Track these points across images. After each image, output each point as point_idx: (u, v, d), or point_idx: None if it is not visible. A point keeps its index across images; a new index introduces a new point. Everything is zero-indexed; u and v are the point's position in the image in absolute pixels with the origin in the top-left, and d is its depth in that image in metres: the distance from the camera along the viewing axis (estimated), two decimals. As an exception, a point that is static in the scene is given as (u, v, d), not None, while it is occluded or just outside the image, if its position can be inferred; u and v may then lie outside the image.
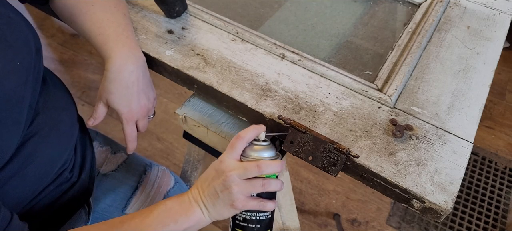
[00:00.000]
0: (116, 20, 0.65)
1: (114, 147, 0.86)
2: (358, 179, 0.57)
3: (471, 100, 0.64)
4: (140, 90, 0.64)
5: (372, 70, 0.71)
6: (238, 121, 0.69)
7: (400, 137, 0.57)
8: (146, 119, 0.68)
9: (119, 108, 0.64)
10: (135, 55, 0.64)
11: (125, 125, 0.66)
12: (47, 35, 2.25)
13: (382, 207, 1.53)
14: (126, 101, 0.63)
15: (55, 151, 0.61)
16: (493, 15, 0.80)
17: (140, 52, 0.65)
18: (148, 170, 0.85)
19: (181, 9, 0.75)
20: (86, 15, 0.64)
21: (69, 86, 2.27)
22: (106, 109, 0.66)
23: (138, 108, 0.65)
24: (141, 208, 0.82)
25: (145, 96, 0.65)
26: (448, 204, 0.50)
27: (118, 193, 0.80)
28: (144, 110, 0.66)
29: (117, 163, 0.83)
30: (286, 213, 0.93)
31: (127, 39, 0.64)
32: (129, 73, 0.62)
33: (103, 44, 0.63)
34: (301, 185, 1.61)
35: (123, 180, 0.82)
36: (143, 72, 0.65)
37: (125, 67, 0.62)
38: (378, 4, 0.87)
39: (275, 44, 0.70)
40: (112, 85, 0.62)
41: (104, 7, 0.65)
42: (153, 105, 0.69)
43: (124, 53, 0.62)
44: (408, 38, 0.73)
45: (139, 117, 0.66)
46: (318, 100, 0.62)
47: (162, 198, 0.84)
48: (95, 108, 0.66)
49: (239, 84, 0.64)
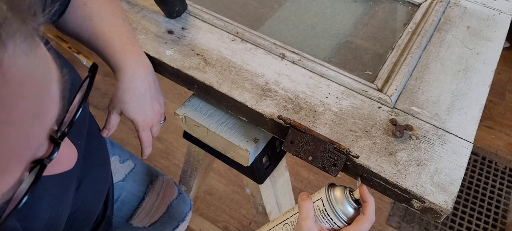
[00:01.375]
0: (117, 29, 0.64)
1: (122, 155, 0.85)
2: (358, 179, 0.57)
3: (471, 100, 0.64)
4: (153, 96, 0.64)
5: (372, 70, 0.71)
6: (238, 120, 0.69)
7: (400, 137, 0.57)
8: (159, 124, 0.68)
9: (134, 117, 0.64)
10: (143, 62, 0.64)
11: (142, 133, 0.66)
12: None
13: (382, 207, 1.53)
14: (140, 109, 0.64)
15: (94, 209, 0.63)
16: (493, 15, 0.80)
17: (146, 58, 0.65)
18: (154, 180, 0.85)
19: (181, 9, 0.75)
20: (87, 31, 0.64)
21: (69, 86, 2.25)
22: (119, 119, 0.66)
23: (152, 115, 0.65)
24: (146, 218, 0.82)
25: (157, 103, 0.66)
26: (448, 204, 0.50)
27: (124, 204, 0.80)
28: (158, 116, 0.67)
29: (124, 172, 0.83)
30: (286, 213, 0.93)
31: (132, 46, 0.64)
32: (141, 81, 0.62)
33: (111, 56, 0.63)
34: (301, 185, 1.61)
35: (130, 190, 0.82)
36: (153, 78, 0.65)
37: (137, 76, 0.62)
38: (378, 4, 0.87)
39: (275, 44, 0.70)
40: (126, 95, 0.62)
41: (103, 19, 0.65)
42: (163, 110, 0.69)
43: (133, 62, 0.62)
44: (408, 38, 0.73)
45: (154, 122, 0.66)
46: (318, 100, 0.62)
47: (166, 209, 0.84)
48: (108, 119, 0.66)
49: (239, 84, 0.64)
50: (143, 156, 0.69)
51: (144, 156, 0.69)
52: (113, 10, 0.66)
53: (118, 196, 0.80)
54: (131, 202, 0.81)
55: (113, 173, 0.81)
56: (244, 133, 0.67)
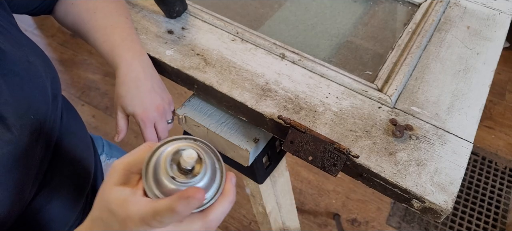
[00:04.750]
0: (119, 26, 0.64)
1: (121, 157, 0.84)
2: (358, 179, 0.57)
3: (471, 100, 0.64)
4: (151, 88, 0.63)
5: (372, 70, 0.71)
6: (238, 120, 0.69)
7: (400, 137, 0.57)
8: (164, 122, 0.66)
9: (134, 110, 0.62)
10: (141, 58, 0.64)
11: (143, 127, 0.63)
12: (47, 35, 2.25)
13: (382, 207, 1.53)
14: (138, 101, 0.62)
15: (65, 210, 0.61)
16: (493, 15, 0.80)
17: (145, 54, 0.65)
18: None
19: (181, 9, 0.75)
20: (88, 24, 0.64)
21: (68, 86, 2.26)
22: (127, 120, 0.65)
23: (153, 108, 0.63)
24: None
25: (158, 96, 0.64)
26: (448, 204, 0.50)
27: None
28: (160, 111, 0.64)
29: None
30: (286, 213, 0.94)
31: (132, 43, 0.64)
32: (136, 74, 0.62)
33: (110, 51, 0.63)
34: (301, 185, 1.61)
35: None
36: (151, 73, 0.64)
37: (132, 69, 0.62)
38: (378, 4, 0.87)
39: (275, 44, 0.70)
40: (122, 89, 0.62)
41: (106, 13, 0.65)
42: (170, 108, 0.68)
43: (130, 57, 0.62)
44: (408, 38, 0.73)
45: (156, 117, 0.64)
46: (318, 100, 0.62)
47: None
48: (116, 122, 0.65)
49: (239, 84, 0.64)
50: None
51: None
52: (117, 7, 0.67)
53: None
54: None
55: None
56: (244, 133, 0.67)
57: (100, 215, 0.36)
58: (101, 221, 0.36)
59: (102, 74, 2.03)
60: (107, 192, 0.36)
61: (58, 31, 2.27)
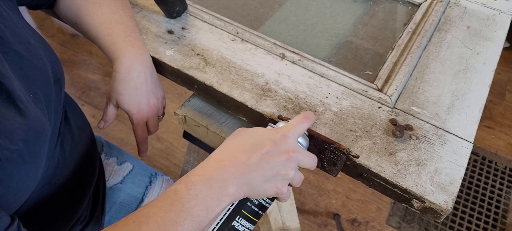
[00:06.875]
0: (124, 22, 0.65)
1: (120, 157, 0.85)
2: (358, 179, 0.57)
3: (471, 100, 0.64)
4: (149, 90, 0.64)
5: (372, 70, 0.71)
6: (238, 120, 0.69)
7: (400, 137, 0.57)
8: (156, 119, 0.68)
9: (129, 110, 0.64)
10: (142, 56, 0.64)
11: (136, 126, 0.65)
12: (47, 35, 2.25)
13: (382, 207, 1.53)
14: (136, 101, 0.63)
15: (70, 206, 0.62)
16: (493, 15, 0.80)
17: (147, 53, 0.65)
18: (153, 181, 0.85)
19: (181, 9, 0.75)
20: (93, 15, 0.64)
21: (68, 86, 2.26)
22: (116, 111, 0.66)
23: (148, 109, 0.65)
24: None
25: (154, 96, 0.65)
26: (448, 204, 0.50)
27: (123, 206, 0.80)
28: (154, 110, 0.66)
29: (123, 174, 0.82)
30: (286, 213, 0.93)
31: (135, 40, 0.64)
32: (137, 74, 0.62)
33: (112, 44, 0.63)
34: (301, 185, 1.60)
35: (129, 193, 0.81)
36: (151, 72, 0.65)
37: (133, 68, 0.62)
38: (378, 4, 0.87)
39: (275, 44, 0.70)
40: (121, 86, 0.62)
41: (112, 9, 0.65)
42: (163, 105, 0.69)
43: (132, 54, 0.62)
44: (408, 38, 0.73)
45: (149, 116, 0.66)
46: (318, 100, 0.62)
47: None
48: (105, 110, 0.66)
49: (239, 84, 0.64)
50: (139, 154, 0.69)
51: (141, 153, 0.69)
52: (123, 5, 0.67)
53: (116, 199, 0.80)
54: (129, 204, 0.80)
55: (111, 175, 0.81)
56: (244, 133, 0.67)
57: (234, 149, 0.47)
58: (232, 155, 0.46)
59: (102, 74, 2.03)
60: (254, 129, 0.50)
61: (58, 31, 2.27)
